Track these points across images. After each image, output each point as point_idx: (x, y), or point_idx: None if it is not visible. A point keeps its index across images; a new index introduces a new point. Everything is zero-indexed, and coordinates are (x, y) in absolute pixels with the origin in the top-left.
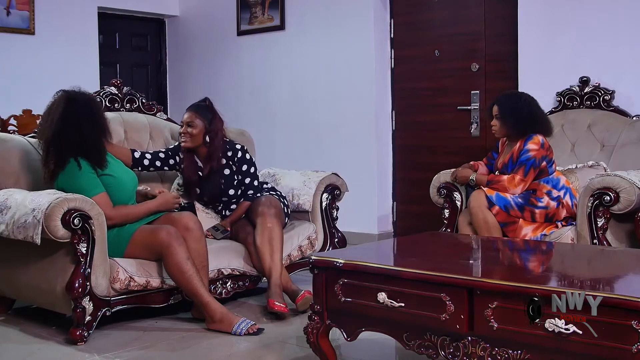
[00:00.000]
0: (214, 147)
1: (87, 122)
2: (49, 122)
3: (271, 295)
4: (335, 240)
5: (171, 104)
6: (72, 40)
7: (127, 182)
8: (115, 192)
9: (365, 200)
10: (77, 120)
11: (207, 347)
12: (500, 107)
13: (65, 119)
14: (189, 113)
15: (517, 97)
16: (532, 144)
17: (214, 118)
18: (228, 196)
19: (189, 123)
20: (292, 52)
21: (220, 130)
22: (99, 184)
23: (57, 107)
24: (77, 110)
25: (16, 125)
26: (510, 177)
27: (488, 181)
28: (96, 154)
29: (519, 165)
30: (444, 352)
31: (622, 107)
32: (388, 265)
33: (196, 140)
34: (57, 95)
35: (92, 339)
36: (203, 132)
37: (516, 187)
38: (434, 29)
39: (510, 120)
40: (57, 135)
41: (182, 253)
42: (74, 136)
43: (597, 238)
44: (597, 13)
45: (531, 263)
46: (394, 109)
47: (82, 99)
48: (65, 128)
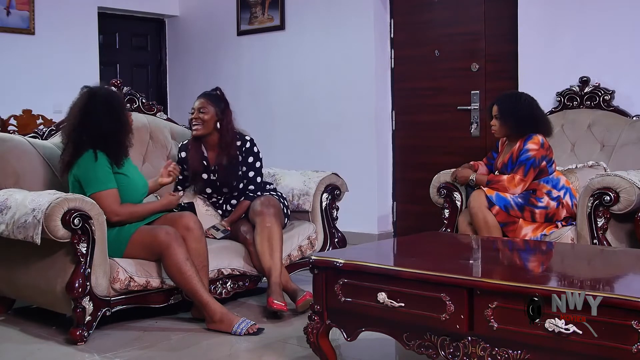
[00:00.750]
0: (226, 134)
1: (106, 115)
2: (70, 116)
3: (271, 294)
4: (335, 240)
5: (171, 104)
6: (72, 40)
7: (139, 186)
8: (125, 192)
9: (365, 200)
10: (96, 113)
11: (207, 347)
12: (500, 107)
13: (84, 112)
14: (201, 99)
15: (517, 97)
16: (531, 144)
17: (226, 106)
18: (230, 187)
19: (200, 109)
20: (292, 52)
21: (231, 119)
22: (112, 179)
23: (78, 101)
24: (96, 103)
25: (16, 125)
26: (510, 177)
27: (488, 181)
28: (115, 148)
29: (519, 165)
30: (444, 352)
31: (622, 107)
32: (388, 265)
33: (207, 126)
34: (81, 92)
35: (92, 339)
36: (214, 119)
37: (516, 187)
38: (434, 29)
39: (510, 120)
40: (76, 128)
41: (181, 253)
42: (93, 129)
43: (597, 238)
44: (597, 13)
45: (531, 263)
46: (394, 109)
47: (102, 93)
48: (84, 121)
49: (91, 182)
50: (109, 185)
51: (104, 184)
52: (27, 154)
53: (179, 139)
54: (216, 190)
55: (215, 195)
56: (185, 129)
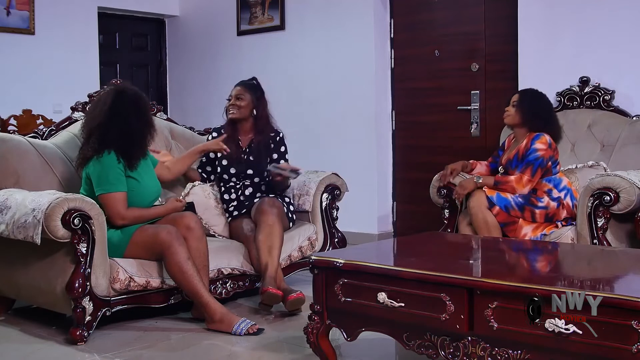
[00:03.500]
0: (260, 120)
1: (134, 116)
2: (97, 112)
3: (265, 285)
4: (335, 240)
5: (171, 104)
6: (72, 40)
7: (150, 191)
8: (135, 197)
9: (365, 200)
10: (125, 112)
11: (207, 347)
12: (522, 96)
13: (114, 111)
14: (239, 87)
15: (540, 95)
16: (540, 144)
17: (261, 94)
18: (257, 170)
19: (237, 96)
20: (292, 52)
21: (266, 106)
22: (123, 181)
23: (106, 99)
24: (125, 103)
25: (16, 125)
26: (518, 177)
27: (496, 181)
28: (135, 151)
29: (527, 164)
30: (444, 352)
31: (622, 107)
32: (388, 265)
33: (243, 112)
34: (107, 89)
35: (92, 339)
36: (251, 106)
37: (524, 187)
38: (434, 29)
39: (528, 111)
40: (103, 125)
41: (182, 253)
42: (120, 128)
43: (597, 238)
44: (597, 13)
45: (531, 263)
46: (394, 109)
47: (131, 93)
48: (113, 119)
49: (102, 183)
50: (119, 187)
51: (114, 186)
52: (27, 154)
53: (179, 139)
54: (242, 172)
55: (234, 180)
56: (186, 129)
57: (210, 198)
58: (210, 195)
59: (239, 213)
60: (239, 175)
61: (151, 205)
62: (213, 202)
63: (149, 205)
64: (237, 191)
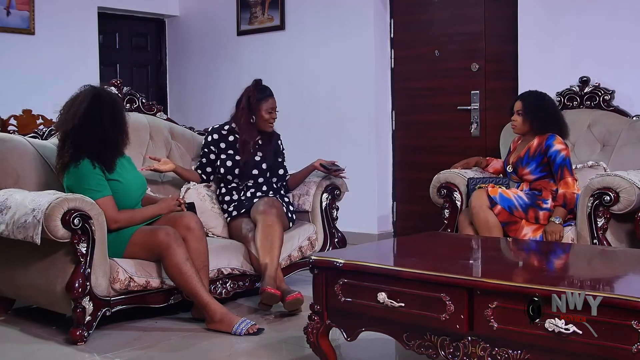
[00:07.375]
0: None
1: (109, 121)
2: (71, 114)
3: (264, 285)
4: (335, 240)
5: (171, 104)
6: (72, 40)
7: (134, 188)
8: (121, 197)
9: (365, 200)
10: (99, 117)
11: (207, 347)
12: (526, 103)
13: (88, 114)
14: (273, 98)
15: (542, 96)
16: (558, 144)
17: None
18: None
19: (275, 108)
20: (292, 52)
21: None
22: (106, 185)
23: (82, 101)
24: (101, 107)
25: (16, 125)
26: (563, 186)
27: (563, 205)
28: (109, 155)
29: (560, 169)
30: (444, 352)
31: (622, 107)
32: (388, 265)
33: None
34: (83, 89)
35: (92, 339)
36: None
37: (574, 187)
38: (434, 29)
39: (536, 116)
40: (77, 129)
41: (181, 254)
42: (94, 133)
43: (597, 238)
44: (597, 13)
45: (531, 263)
46: (394, 109)
47: (107, 98)
48: (87, 123)
49: (85, 192)
50: (104, 192)
51: (98, 192)
52: (27, 154)
53: (179, 139)
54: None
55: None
56: (186, 129)
57: (206, 200)
58: (206, 198)
59: (239, 213)
60: (244, 176)
61: (139, 200)
62: (209, 204)
63: (137, 202)
64: (240, 192)
